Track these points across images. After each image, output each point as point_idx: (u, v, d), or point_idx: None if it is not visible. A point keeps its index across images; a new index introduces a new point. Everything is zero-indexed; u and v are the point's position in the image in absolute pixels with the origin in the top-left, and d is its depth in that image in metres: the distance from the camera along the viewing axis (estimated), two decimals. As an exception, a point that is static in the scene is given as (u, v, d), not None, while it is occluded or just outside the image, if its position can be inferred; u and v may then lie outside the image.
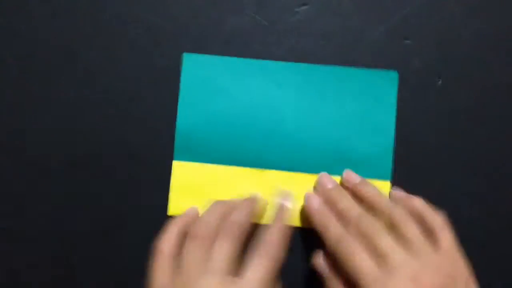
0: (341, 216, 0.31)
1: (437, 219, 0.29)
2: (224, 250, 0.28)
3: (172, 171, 0.34)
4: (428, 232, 0.29)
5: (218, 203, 0.32)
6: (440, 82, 0.35)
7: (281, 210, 0.32)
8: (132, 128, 0.34)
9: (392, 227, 0.29)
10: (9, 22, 0.35)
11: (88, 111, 0.34)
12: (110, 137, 0.34)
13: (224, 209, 0.31)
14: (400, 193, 0.33)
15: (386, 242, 0.28)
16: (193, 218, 0.32)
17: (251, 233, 0.30)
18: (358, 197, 0.32)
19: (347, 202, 0.31)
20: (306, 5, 0.35)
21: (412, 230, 0.28)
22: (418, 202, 0.31)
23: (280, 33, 0.35)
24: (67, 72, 0.35)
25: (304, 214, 0.33)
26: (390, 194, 0.33)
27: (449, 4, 0.35)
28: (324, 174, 0.34)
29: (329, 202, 0.32)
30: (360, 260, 0.28)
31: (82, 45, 0.35)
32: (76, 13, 0.35)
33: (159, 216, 0.33)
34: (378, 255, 0.27)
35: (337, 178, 0.33)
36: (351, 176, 0.33)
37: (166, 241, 0.30)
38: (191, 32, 0.35)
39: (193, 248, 0.29)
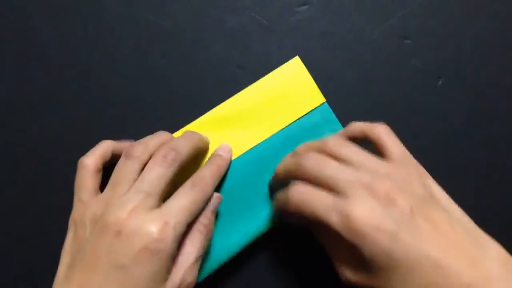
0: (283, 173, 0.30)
1: (381, 131, 0.29)
2: (154, 173, 0.28)
3: None
4: (376, 145, 0.29)
5: (162, 132, 0.31)
6: (440, 82, 0.35)
7: (217, 156, 0.32)
8: (132, 128, 0.34)
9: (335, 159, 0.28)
10: (9, 22, 0.35)
11: (88, 111, 0.34)
12: (110, 137, 0.34)
13: (167, 139, 0.31)
14: (338, 132, 0.32)
15: (331, 169, 0.27)
16: (130, 144, 0.31)
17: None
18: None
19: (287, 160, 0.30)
20: (306, 5, 0.35)
21: (346, 152, 0.27)
22: (354, 125, 0.30)
23: (280, 33, 0.35)
24: (67, 72, 0.35)
25: None
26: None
27: (449, 4, 0.35)
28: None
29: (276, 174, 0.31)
30: (314, 199, 0.26)
31: (82, 45, 0.35)
32: (76, 13, 0.35)
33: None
34: (329, 187, 0.26)
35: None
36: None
37: (90, 156, 0.30)
38: (191, 32, 0.35)
39: (124, 166, 0.29)
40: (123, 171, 0.29)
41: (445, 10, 0.35)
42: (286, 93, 0.34)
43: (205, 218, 0.30)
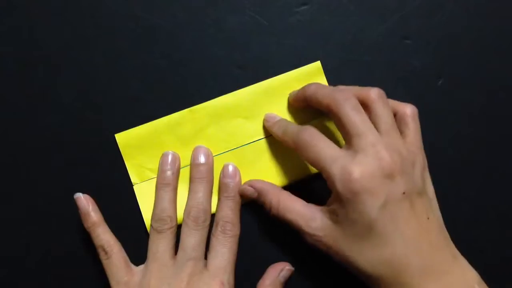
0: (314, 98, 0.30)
1: (408, 113, 0.30)
2: (192, 239, 0.31)
3: (118, 143, 0.34)
4: (398, 121, 0.30)
5: (164, 186, 0.32)
6: (440, 82, 0.35)
7: (227, 187, 0.33)
8: (132, 128, 0.34)
9: (366, 106, 0.28)
10: (9, 22, 0.35)
11: (88, 111, 0.34)
12: (110, 137, 0.34)
13: (173, 192, 0.33)
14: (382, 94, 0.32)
15: (362, 118, 0.27)
16: (154, 218, 0.32)
17: None
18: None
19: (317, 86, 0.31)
20: (306, 5, 0.35)
21: (385, 113, 0.28)
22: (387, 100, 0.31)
23: (280, 33, 0.35)
24: (67, 72, 0.35)
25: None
26: None
27: (449, 4, 0.35)
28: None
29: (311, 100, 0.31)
30: (323, 146, 0.28)
31: (82, 45, 0.35)
32: (76, 13, 0.35)
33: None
34: (347, 132, 0.27)
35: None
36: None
37: (103, 235, 0.32)
38: (191, 32, 0.35)
39: (158, 240, 0.31)
40: (160, 244, 0.31)
41: (445, 10, 0.35)
42: None
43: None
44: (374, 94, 0.28)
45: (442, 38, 0.35)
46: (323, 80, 0.34)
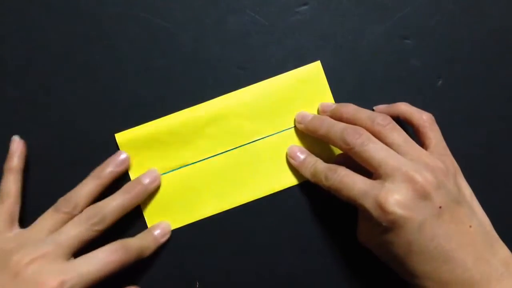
0: (327, 139, 0.31)
1: (424, 118, 0.30)
2: (73, 231, 0.29)
3: (117, 143, 0.34)
4: (417, 131, 0.31)
5: (93, 179, 0.32)
6: (440, 82, 0.35)
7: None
8: (133, 128, 0.34)
9: (376, 134, 0.29)
10: (9, 22, 0.35)
11: (88, 111, 0.34)
12: (110, 137, 0.34)
13: (98, 188, 0.31)
14: (382, 106, 0.33)
15: (377, 151, 0.27)
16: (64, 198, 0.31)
17: None
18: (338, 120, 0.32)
19: (328, 122, 0.31)
20: (306, 5, 0.35)
21: (395, 136, 0.28)
22: (402, 106, 0.32)
23: (280, 33, 0.35)
24: (67, 72, 0.35)
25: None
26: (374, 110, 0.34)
27: (449, 4, 0.35)
28: (299, 113, 0.34)
29: (311, 131, 0.32)
30: (353, 182, 0.28)
31: (82, 45, 0.35)
32: (76, 13, 0.35)
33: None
34: (370, 166, 0.28)
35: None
36: (326, 104, 0.34)
37: (11, 183, 0.31)
38: (191, 32, 0.35)
39: (50, 217, 0.30)
40: (47, 220, 0.30)
41: (445, 10, 0.35)
42: (300, 95, 0.34)
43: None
44: (378, 120, 0.29)
45: (442, 38, 0.35)
46: (323, 80, 0.34)
